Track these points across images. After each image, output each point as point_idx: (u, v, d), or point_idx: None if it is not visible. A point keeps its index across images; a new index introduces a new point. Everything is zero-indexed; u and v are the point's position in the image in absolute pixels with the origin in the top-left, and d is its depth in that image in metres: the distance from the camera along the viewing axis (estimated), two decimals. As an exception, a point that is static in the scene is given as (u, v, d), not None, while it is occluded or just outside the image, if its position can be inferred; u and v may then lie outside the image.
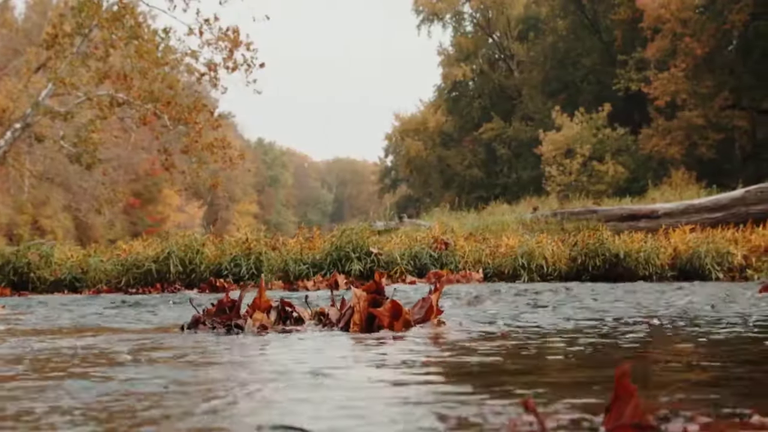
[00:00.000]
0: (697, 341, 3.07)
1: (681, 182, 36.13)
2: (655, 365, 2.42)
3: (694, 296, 5.94)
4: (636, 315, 4.15)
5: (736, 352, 2.80)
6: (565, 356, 2.65)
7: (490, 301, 5.46)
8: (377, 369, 2.35)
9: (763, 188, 14.50)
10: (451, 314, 4.21)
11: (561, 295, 5.80)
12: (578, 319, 3.92)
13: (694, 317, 4.12)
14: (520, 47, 66.65)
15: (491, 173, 66.01)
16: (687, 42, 48.08)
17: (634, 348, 2.88)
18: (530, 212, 17.64)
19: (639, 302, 5.05)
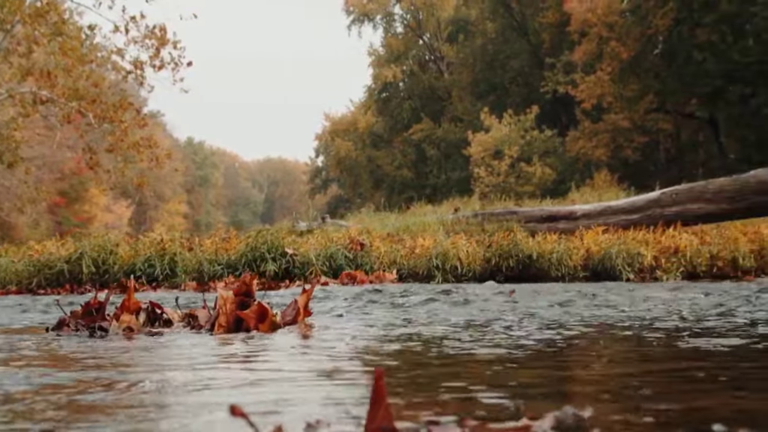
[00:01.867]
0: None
1: (603, 184, 36.61)
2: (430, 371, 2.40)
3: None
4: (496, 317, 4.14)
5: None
6: (392, 360, 2.61)
7: (378, 303, 5.42)
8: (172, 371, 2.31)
9: (677, 190, 14.71)
10: (334, 317, 4.18)
11: (453, 297, 5.78)
12: (445, 323, 3.89)
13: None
14: (450, 49, 66.99)
15: (421, 174, 66.22)
16: (613, 46, 48.78)
17: (444, 349, 2.86)
18: (451, 213, 17.67)
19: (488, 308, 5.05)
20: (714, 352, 2.66)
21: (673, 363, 2.50)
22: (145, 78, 32.14)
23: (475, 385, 1.95)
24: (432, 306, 5.05)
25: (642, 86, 49.66)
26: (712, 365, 2.39)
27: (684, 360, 2.52)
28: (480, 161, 50.10)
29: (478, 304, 5.29)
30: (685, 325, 3.65)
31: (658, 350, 2.80)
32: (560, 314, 4.32)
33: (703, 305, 4.98)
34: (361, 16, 70.08)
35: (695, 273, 10.49)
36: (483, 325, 3.75)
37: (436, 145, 63.34)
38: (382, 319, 4.07)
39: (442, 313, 4.45)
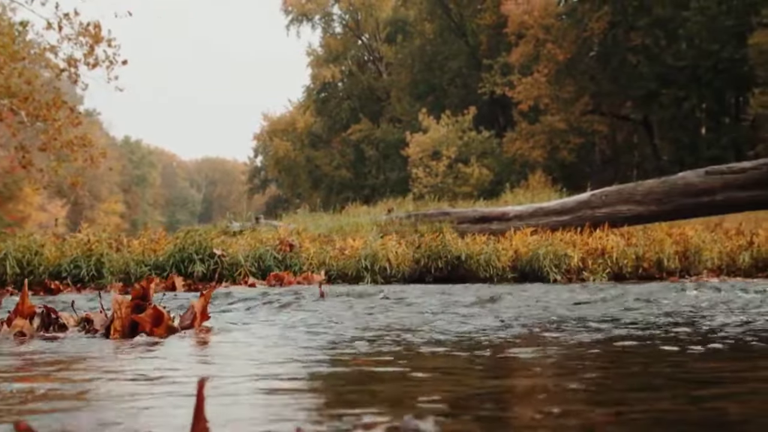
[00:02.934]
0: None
1: (537, 185, 36.89)
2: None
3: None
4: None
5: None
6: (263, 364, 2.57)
7: (302, 305, 5.37)
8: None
9: (607, 192, 14.85)
10: (241, 320, 4.13)
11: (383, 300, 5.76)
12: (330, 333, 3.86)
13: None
14: (389, 49, 67.05)
15: (359, 174, 66.18)
16: (549, 48, 49.21)
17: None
18: (385, 214, 17.66)
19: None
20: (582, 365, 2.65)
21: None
22: (80, 76, 31.69)
23: (323, 398, 1.92)
24: (348, 309, 5.02)
25: (578, 88, 50.18)
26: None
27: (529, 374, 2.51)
28: (418, 162, 50.17)
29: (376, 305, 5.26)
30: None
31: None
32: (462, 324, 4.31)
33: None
34: (299, 16, 69.83)
35: (621, 274, 10.59)
36: (380, 329, 3.72)
37: (374, 146, 63.35)
38: (285, 322, 4.02)
39: (347, 319, 4.41)
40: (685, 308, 4.94)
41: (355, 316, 4.45)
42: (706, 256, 10.93)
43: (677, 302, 5.48)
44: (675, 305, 5.21)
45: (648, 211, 14.24)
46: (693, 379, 2.23)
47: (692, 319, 4.19)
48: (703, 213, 14.70)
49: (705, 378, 2.26)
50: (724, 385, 2.10)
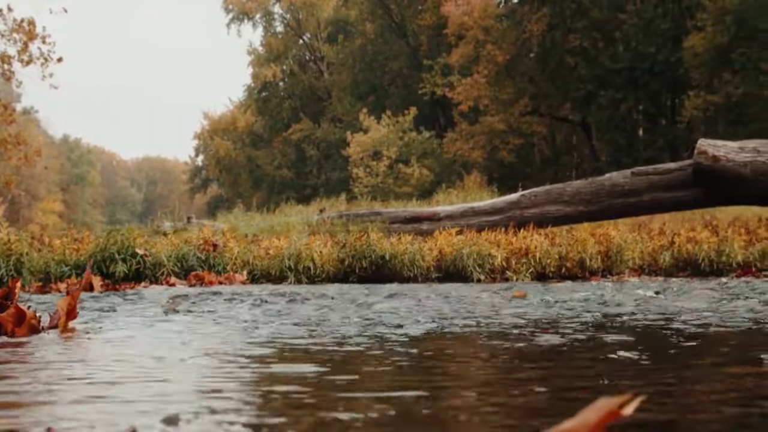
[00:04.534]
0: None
1: (473, 185, 37.06)
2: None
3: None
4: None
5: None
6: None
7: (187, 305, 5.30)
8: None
9: (536, 192, 14.94)
10: (119, 321, 4.05)
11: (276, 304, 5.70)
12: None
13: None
14: (330, 49, 67.01)
15: (301, 174, 66.07)
16: (489, 49, 49.53)
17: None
18: (317, 214, 17.61)
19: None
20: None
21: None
22: (13, 73, 31.29)
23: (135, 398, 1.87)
24: (232, 310, 4.96)
25: (517, 89, 50.59)
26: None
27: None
28: (359, 162, 50.20)
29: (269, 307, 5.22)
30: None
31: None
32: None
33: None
34: (240, 14, 69.44)
35: (545, 274, 10.63)
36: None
37: (315, 146, 63.27)
38: (164, 324, 3.95)
39: (233, 320, 4.35)
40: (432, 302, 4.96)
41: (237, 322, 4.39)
42: (627, 255, 11.02)
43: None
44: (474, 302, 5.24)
45: (576, 212, 14.35)
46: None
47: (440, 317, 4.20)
48: (630, 213, 14.86)
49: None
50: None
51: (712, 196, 13.80)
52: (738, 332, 3.51)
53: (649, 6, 46.10)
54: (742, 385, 2.02)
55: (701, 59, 42.63)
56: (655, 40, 45.57)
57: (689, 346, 2.98)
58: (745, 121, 41.78)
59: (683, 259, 11.21)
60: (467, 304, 5.26)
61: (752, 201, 14.39)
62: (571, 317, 4.22)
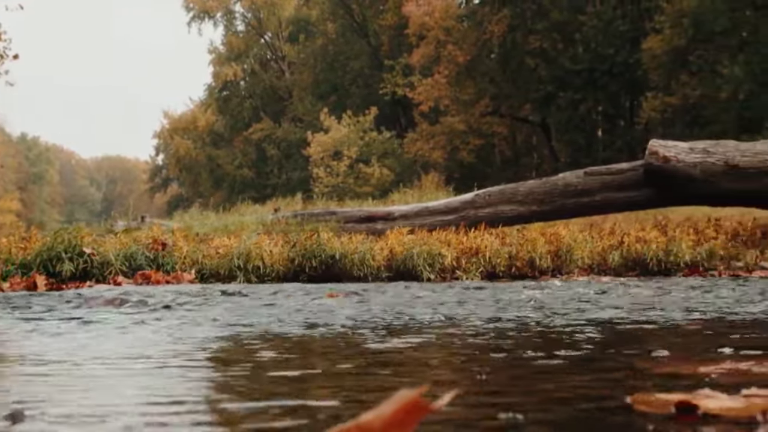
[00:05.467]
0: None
1: (431, 185, 37.08)
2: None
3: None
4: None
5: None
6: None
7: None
8: None
9: (490, 192, 14.96)
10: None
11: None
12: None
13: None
14: (291, 48, 66.84)
15: (261, 174, 65.87)
16: (450, 50, 49.64)
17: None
18: (272, 213, 17.53)
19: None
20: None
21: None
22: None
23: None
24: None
25: (478, 90, 50.72)
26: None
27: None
28: (319, 162, 50.11)
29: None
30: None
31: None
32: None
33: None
34: (201, 13, 69.06)
35: (495, 273, 10.65)
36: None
37: (276, 145, 63.09)
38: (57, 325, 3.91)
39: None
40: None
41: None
42: (577, 255, 11.06)
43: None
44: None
45: (529, 211, 14.40)
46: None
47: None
48: (583, 213, 14.93)
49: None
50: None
51: (663, 196, 13.91)
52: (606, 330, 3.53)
53: (608, 8, 46.45)
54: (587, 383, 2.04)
55: (659, 61, 42.98)
56: (614, 41, 45.91)
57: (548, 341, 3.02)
58: (702, 123, 42.21)
59: (632, 258, 11.27)
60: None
61: (702, 201, 14.52)
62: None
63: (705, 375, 1.96)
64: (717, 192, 13.30)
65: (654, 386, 1.87)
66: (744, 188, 13.12)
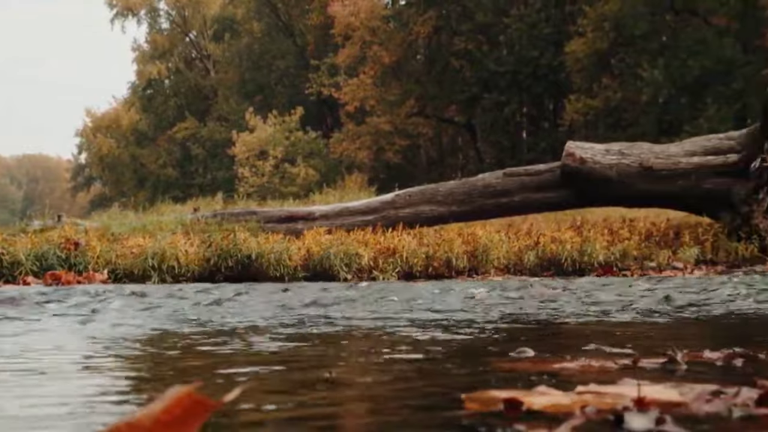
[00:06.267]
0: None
1: (354, 185, 37.13)
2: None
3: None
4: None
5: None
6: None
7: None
8: None
9: (411, 192, 15.02)
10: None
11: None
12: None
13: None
14: (217, 47, 66.29)
15: (186, 173, 65.20)
16: (375, 50, 49.71)
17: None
18: (191, 213, 17.35)
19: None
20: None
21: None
22: None
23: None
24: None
25: (403, 91, 50.86)
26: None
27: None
28: (245, 161, 49.76)
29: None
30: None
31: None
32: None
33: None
34: (124, 10, 67.98)
35: (412, 273, 10.70)
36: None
37: (201, 144, 62.47)
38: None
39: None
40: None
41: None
42: (493, 255, 11.15)
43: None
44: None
45: (449, 212, 14.49)
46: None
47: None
48: (502, 214, 15.08)
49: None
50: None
51: (580, 197, 14.13)
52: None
53: (532, 11, 46.92)
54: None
55: (582, 64, 43.60)
56: (538, 44, 46.43)
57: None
58: (624, 125, 42.91)
59: (547, 258, 11.40)
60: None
61: (618, 202, 14.79)
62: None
63: (556, 372, 1.99)
64: (632, 193, 13.56)
65: (498, 384, 1.89)
66: (658, 189, 13.38)
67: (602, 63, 43.21)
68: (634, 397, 1.36)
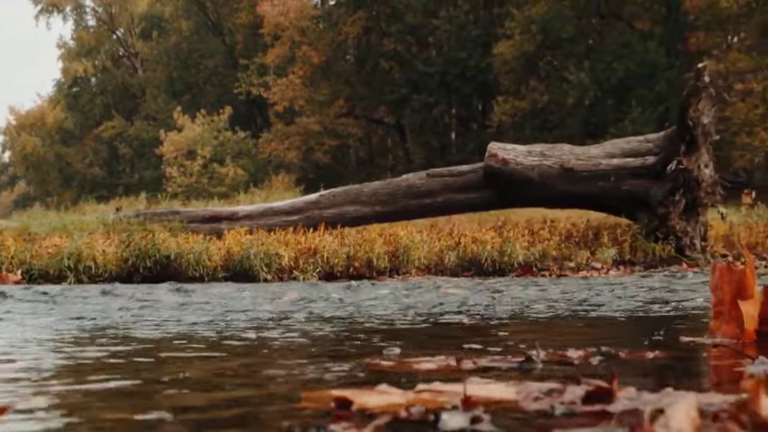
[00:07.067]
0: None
1: (281, 185, 37.01)
2: None
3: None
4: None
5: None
6: None
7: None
8: None
9: (335, 193, 14.99)
10: None
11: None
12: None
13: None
14: (144, 45, 65.49)
15: (113, 172, 64.33)
16: (305, 50, 49.63)
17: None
18: (113, 212, 17.13)
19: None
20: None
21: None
22: None
23: None
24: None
25: (333, 91, 50.86)
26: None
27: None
28: (173, 161, 49.26)
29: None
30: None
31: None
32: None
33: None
34: (49, 6, 66.77)
35: (333, 273, 10.69)
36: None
37: (128, 143, 61.66)
38: None
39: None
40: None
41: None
42: (414, 255, 11.19)
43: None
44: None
45: (373, 212, 14.48)
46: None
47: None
48: (425, 214, 15.12)
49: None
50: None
51: (502, 197, 14.23)
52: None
53: (460, 12, 47.22)
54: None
55: (510, 66, 44.02)
56: (467, 46, 46.75)
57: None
58: (551, 126, 43.43)
59: (468, 259, 11.47)
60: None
61: (539, 203, 14.93)
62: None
63: (415, 371, 2.01)
64: (553, 194, 13.70)
65: (353, 382, 1.90)
66: (578, 190, 13.55)
67: (530, 65, 43.64)
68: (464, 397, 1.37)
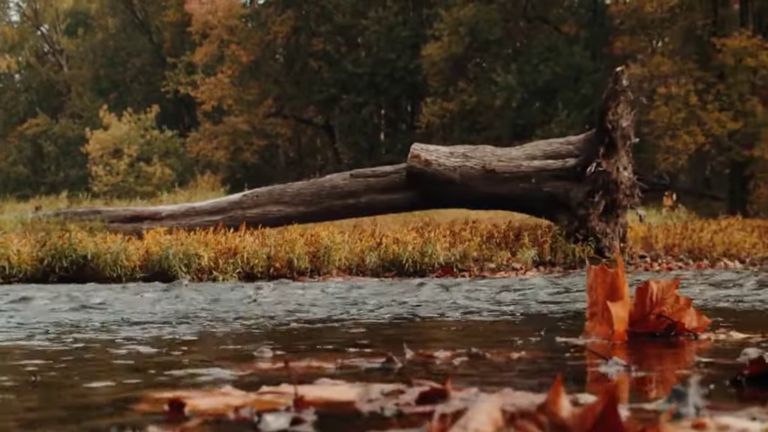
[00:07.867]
0: None
1: (206, 185, 36.78)
2: None
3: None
4: None
5: None
6: None
7: None
8: None
9: (258, 193, 14.96)
10: None
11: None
12: None
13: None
14: (70, 42, 64.40)
15: (38, 171, 63.10)
16: (233, 49, 49.28)
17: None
18: (32, 211, 16.85)
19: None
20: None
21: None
22: None
23: None
24: None
25: (262, 91, 50.59)
26: None
27: None
28: (99, 159, 48.53)
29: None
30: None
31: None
32: None
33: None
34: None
35: (253, 274, 10.66)
36: None
37: (53, 141, 60.57)
38: None
39: None
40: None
41: None
42: (335, 256, 11.20)
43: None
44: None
45: (297, 212, 14.46)
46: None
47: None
48: (349, 215, 15.16)
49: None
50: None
51: (425, 198, 14.32)
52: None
53: (390, 13, 47.31)
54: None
55: (438, 67, 44.22)
56: (396, 46, 46.88)
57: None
58: (479, 128, 43.76)
59: (389, 259, 11.52)
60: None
61: (462, 204, 15.06)
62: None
63: (276, 373, 2.02)
64: (475, 195, 13.82)
65: (195, 383, 1.90)
66: (500, 192, 13.69)
67: (458, 67, 43.91)
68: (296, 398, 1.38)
